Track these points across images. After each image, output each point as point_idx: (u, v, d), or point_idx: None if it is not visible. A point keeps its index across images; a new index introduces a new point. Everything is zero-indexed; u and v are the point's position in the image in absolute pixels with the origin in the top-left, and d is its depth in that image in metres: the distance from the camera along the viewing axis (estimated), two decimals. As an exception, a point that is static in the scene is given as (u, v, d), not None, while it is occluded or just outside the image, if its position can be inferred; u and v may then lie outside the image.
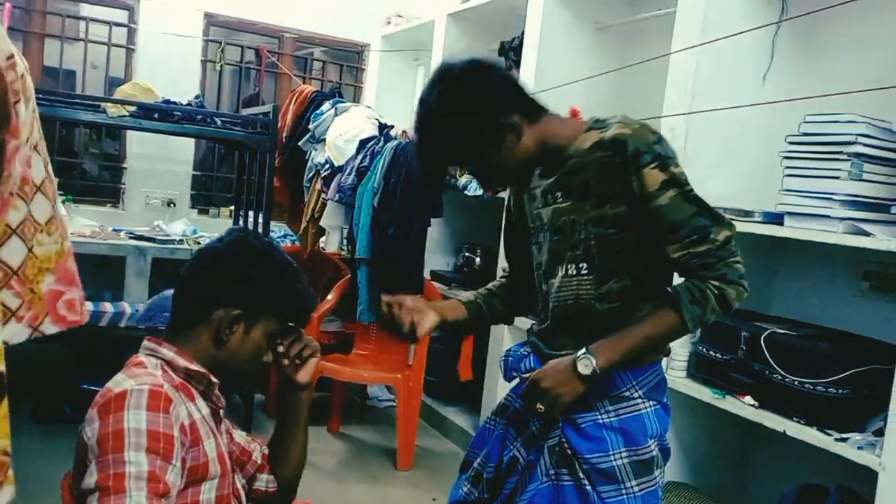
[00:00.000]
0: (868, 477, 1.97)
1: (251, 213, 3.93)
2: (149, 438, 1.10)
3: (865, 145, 2.07)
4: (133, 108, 3.40)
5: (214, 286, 1.31)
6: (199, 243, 4.45)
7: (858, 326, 2.39)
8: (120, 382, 1.18)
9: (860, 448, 2.00)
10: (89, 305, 4.00)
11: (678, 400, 2.59)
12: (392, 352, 3.78)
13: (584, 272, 1.46)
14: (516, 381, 1.60)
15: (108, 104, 3.39)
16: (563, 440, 1.46)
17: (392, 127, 3.73)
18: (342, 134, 3.69)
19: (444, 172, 1.54)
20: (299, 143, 4.00)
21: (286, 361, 1.43)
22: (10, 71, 1.35)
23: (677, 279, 1.45)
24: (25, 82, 1.49)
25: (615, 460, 1.43)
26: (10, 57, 1.33)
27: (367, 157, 3.51)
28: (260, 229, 3.74)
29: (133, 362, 1.26)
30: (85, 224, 4.57)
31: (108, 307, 3.96)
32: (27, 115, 1.55)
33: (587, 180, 1.44)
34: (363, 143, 3.59)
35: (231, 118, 3.81)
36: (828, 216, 2.10)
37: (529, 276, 1.61)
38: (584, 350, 1.39)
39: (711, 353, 2.47)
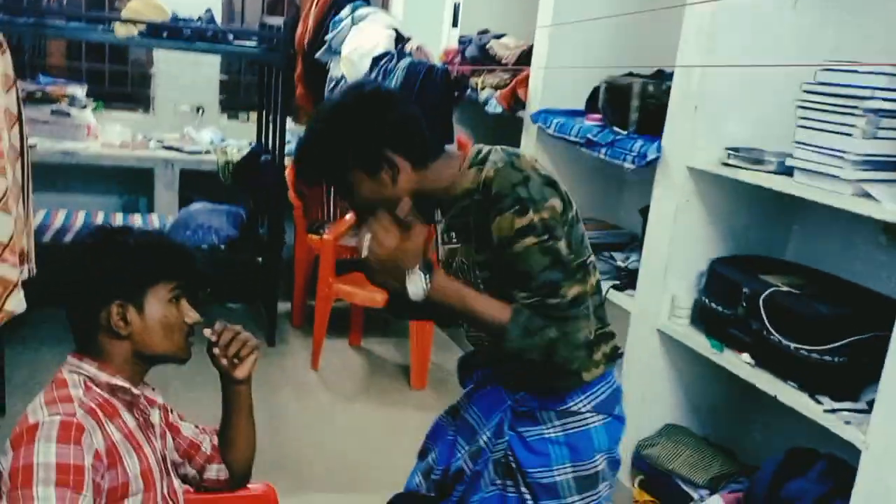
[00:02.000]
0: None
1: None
2: (58, 472, 1.12)
3: (885, 100, 1.87)
4: (142, 27, 3.33)
5: (82, 294, 1.31)
6: (225, 153, 4.46)
7: (875, 279, 2.26)
8: (36, 411, 1.21)
9: (847, 423, 1.93)
10: (119, 218, 4.11)
11: (682, 346, 2.55)
12: (410, 271, 3.78)
13: None
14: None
15: (117, 23, 3.32)
16: (509, 454, 1.46)
17: (408, 40, 3.57)
18: (357, 48, 3.55)
19: (315, 179, 1.49)
20: (316, 56, 3.87)
21: (224, 361, 1.43)
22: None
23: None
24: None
25: (558, 476, 1.42)
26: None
27: (380, 76, 3.38)
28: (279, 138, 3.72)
29: (56, 380, 1.28)
30: (116, 132, 4.62)
31: (137, 221, 4.05)
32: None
33: (469, 222, 1.39)
34: (376, 61, 3.45)
35: (243, 34, 3.70)
36: (837, 177, 1.94)
37: None
38: (427, 275, 1.33)
39: (713, 304, 2.39)
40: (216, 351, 1.42)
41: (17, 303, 1.81)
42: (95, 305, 1.29)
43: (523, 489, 1.44)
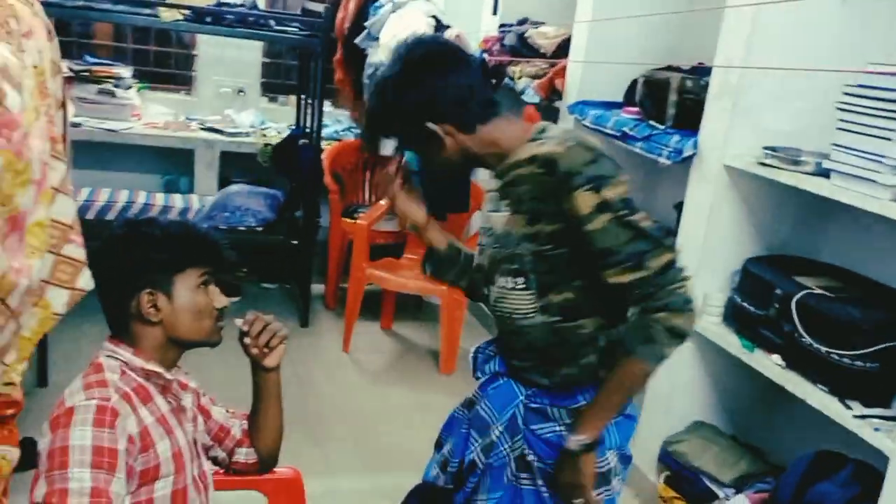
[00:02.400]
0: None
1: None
2: (93, 454, 1.17)
3: (927, 104, 1.84)
4: (187, 12, 3.39)
5: (113, 284, 1.36)
6: (265, 135, 4.52)
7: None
8: (73, 394, 1.26)
9: (877, 430, 1.92)
10: (160, 198, 4.19)
11: (713, 345, 2.53)
12: (443, 258, 3.81)
13: (520, 286, 1.42)
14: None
15: (162, 8, 3.38)
16: (526, 449, 1.47)
17: (447, 28, 3.57)
18: (396, 35, 3.54)
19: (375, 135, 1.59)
20: (356, 41, 3.89)
21: (255, 350, 1.47)
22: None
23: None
24: (10, 71, 1.50)
25: None
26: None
27: (418, 64, 3.39)
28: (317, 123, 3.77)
29: (94, 364, 1.33)
30: (159, 112, 4.70)
31: (177, 201, 4.12)
32: (25, 99, 1.58)
33: (523, 194, 1.40)
34: (414, 48, 3.45)
35: (284, 19, 3.74)
36: (874, 181, 1.91)
37: None
38: (573, 434, 1.39)
39: (745, 304, 2.37)
40: (247, 341, 1.46)
41: (86, 281, 1.89)
42: (126, 294, 1.34)
43: (540, 482, 1.46)
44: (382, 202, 3.81)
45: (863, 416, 1.97)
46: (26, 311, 1.66)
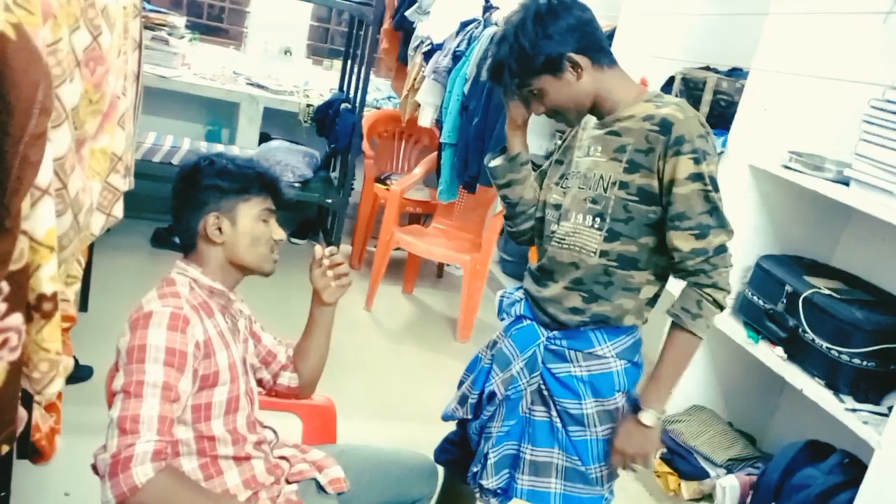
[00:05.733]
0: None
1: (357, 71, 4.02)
2: (166, 354, 1.34)
3: (947, 125, 1.96)
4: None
5: (187, 207, 1.52)
6: (307, 96, 4.66)
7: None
8: (150, 301, 1.42)
9: (865, 423, 2.05)
10: (203, 145, 4.34)
11: (720, 335, 2.67)
12: (468, 230, 3.95)
13: (595, 227, 1.57)
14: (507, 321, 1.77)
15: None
16: (542, 385, 1.65)
17: (497, 9, 3.68)
18: (445, 11, 3.68)
19: (504, 85, 1.59)
20: (405, 14, 4.02)
21: (320, 282, 1.64)
22: (90, 9, 1.52)
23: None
24: (108, 12, 1.65)
25: (585, 409, 1.61)
26: (89, -2, 1.49)
27: (465, 41, 3.52)
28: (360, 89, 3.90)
29: (166, 280, 1.49)
30: (208, 63, 4.84)
31: (219, 150, 4.27)
32: (114, 39, 1.73)
33: (627, 145, 1.54)
34: (463, 25, 3.58)
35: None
36: (891, 192, 2.04)
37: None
38: (639, 406, 1.56)
39: (755, 297, 2.51)
40: (317, 270, 1.64)
41: (119, 209, 2.06)
42: (197, 216, 1.51)
43: (554, 414, 1.63)
44: (416, 171, 3.95)
45: (854, 410, 2.11)
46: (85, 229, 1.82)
